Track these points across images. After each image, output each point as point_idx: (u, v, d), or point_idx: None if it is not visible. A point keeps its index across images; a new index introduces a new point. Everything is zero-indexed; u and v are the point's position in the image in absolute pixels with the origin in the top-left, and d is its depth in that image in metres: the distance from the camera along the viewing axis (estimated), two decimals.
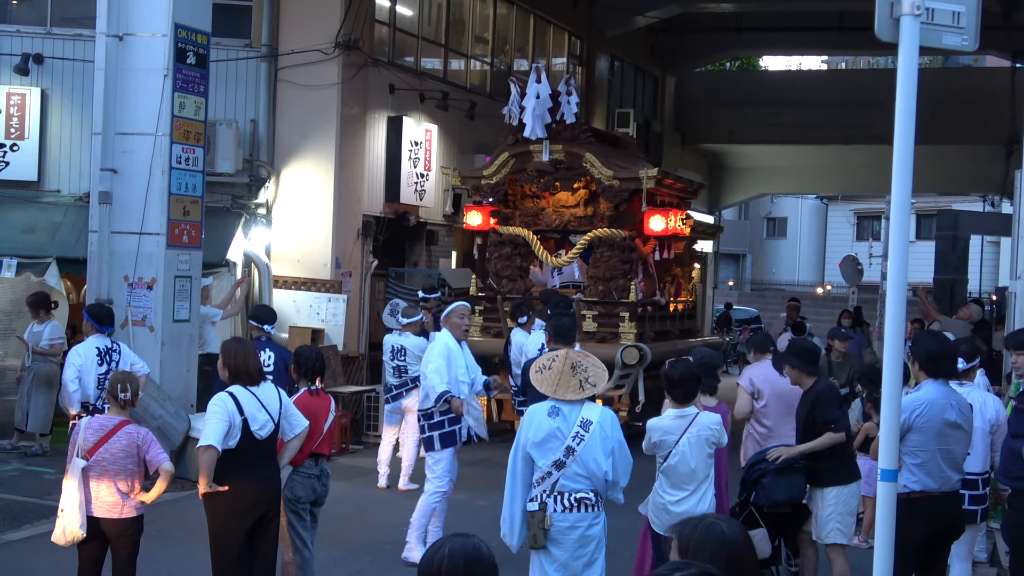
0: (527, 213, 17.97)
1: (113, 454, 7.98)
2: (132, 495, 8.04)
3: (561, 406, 7.38)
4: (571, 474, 7.32)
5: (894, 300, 6.26)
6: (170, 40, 13.79)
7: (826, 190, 51.23)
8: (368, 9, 19.34)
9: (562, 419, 7.34)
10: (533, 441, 7.38)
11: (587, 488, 7.37)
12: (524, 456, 7.46)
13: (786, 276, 59.41)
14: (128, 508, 8.06)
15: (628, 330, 16.74)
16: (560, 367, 7.40)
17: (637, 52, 31.35)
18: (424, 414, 10.57)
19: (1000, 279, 41.14)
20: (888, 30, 6.13)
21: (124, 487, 8.01)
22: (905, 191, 6.10)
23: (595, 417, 7.36)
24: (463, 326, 10.76)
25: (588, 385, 7.39)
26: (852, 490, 9.11)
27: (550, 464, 7.33)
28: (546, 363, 7.52)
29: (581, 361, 7.47)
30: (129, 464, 8.01)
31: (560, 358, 7.48)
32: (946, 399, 7.77)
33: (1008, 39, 24.81)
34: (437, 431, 10.45)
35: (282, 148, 18.70)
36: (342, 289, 18.52)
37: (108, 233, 13.82)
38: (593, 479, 7.36)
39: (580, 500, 7.36)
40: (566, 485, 7.34)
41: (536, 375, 7.50)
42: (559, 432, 7.32)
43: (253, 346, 8.67)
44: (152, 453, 8.04)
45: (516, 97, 17.42)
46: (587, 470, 7.32)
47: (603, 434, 7.34)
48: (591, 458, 7.31)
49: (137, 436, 8.06)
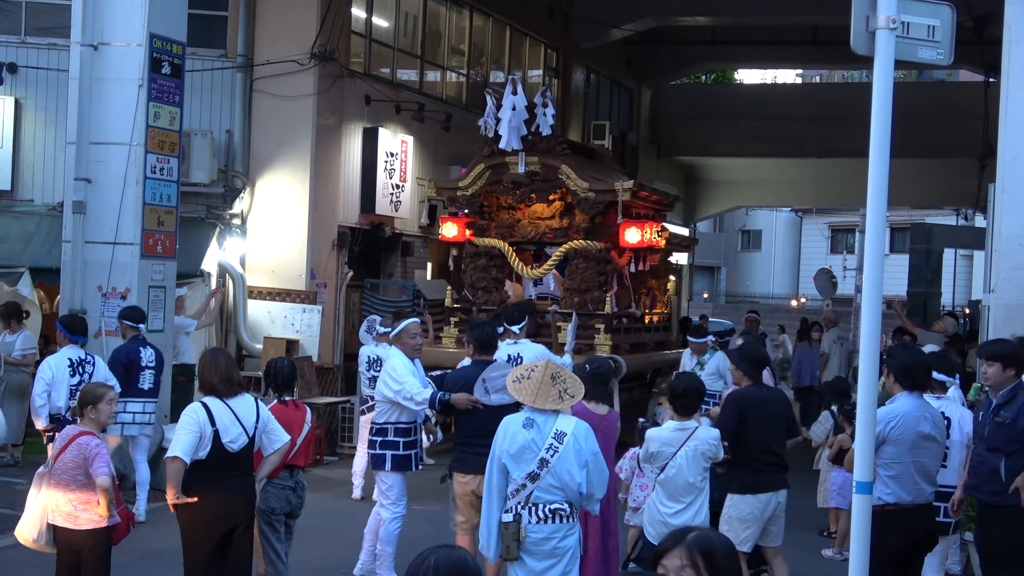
0: (503, 225, 17.96)
1: (65, 464, 7.88)
2: (86, 507, 7.90)
3: (536, 418, 7.37)
4: (545, 486, 7.31)
5: (869, 313, 6.28)
6: (145, 50, 13.74)
7: (800, 203, 51.42)
8: (344, 20, 19.33)
9: (536, 431, 7.32)
10: (508, 452, 7.37)
11: (561, 500, 7.35)
12: (500, 467, 7.45)
13: (761, 289, 59.55)
14: (83, 520, 7.88)
15: (603, 342, 16.73)
16: (540, 377, 7.40)
17: (613, 65, 31.41)
18: (378, 429, 10.04)
19: (973, 292, 41.34)
20: (864, 44, 6.15)
21: (75, 498, 7.83)
22: (880, 203, 6.12)
23: (569, 429, 7.34)
24: (415, 345, 10.24)
25: (567, 396, 7.41)
26: (744, 499, 9.14)
27: (524, 476, 7.31)
28: (524, 373, 7.51)
29: (560, 372, 7.49)
30: (79, 475, 7.85)
31: (540, 368, 7.48)
32: (920, 412, 7.79)
33: (981, 54, 24.90)
34: (390, 451, 9.94)
35: (257, 159, 18.67)
36: (317, 300, 18.48)
37: (82, 243, 13.74)
38: (567, 491, 7.33)
39: (555, 511, 7.34)
40: (540, 497, 7.32)
41: (514, 384, 7.49)
42: (533, 444, 7.30)
43: (230, 357, 8.62)
44: (94, 466, 7.80)
45: (492, 109, 17.41)
46: (561, 482, 7.30)
47: (577, 446, 7.31)
48: (565, 470, 7.28)
49: (86, 448, 7.85)
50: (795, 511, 13.32)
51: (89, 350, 13.61)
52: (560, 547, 7.39)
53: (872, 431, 6.43)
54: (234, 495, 8.01)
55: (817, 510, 12.96)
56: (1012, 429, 8.27)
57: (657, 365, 18.58)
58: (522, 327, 13.90)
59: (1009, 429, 8.30)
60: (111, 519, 8.01)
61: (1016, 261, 10.82)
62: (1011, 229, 10.87)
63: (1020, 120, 10.84)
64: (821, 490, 12.75)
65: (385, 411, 10.06)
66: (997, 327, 10.70)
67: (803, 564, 11.71)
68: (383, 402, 10.03)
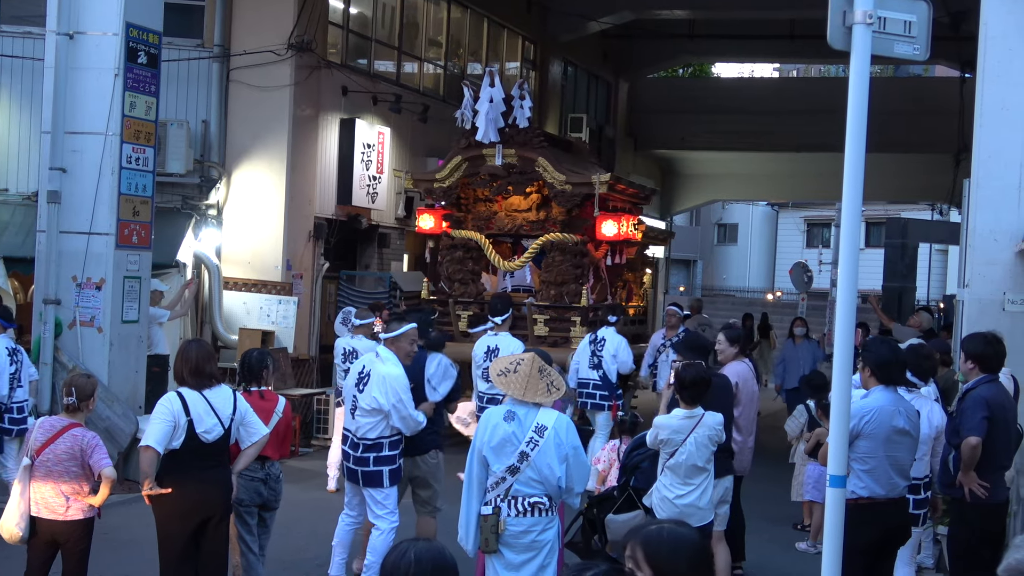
0: (479, 217, 17.96)
1: (57, 456, 7.92)
2: (77, 498, 7.96)
3: (517, 411, 7.39)
4: (525, 479, 7.33)
5: (844, 307, 6.30)
6: (121, 39, 13.68)
7: (777, 197, 51.54)
8: (321, 11, 19.28)
9: (517, 424, 7.34)
10: (489, 445, 7.39)
11: (541, 493, 7.37)
12: (480, 460, 7.47)
13: (737, 282, 59.67)
14: (74, 510, 7.99)
15: (579, 334, 16.74)
16: (527, 370, 7.44)
17: (590, 57, 31.42)
18: (370, 445, 9.53)
19: (948, 287, 41.53)
20: (840, 38, 6.18)
21: (68, 490, 7.94)
22: (856, 197, 6.15)
23: (550, 423, 7.36)
24: (411, 351, 9.82)
25: (554, 388, 7.47)
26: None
27: (504, 469, 7.33)
28: (510, 366, 7.54)
29: (545, 365, 7.56)
30: (72, 467, 7.93)
31: (527, 362, 7.52)
32: (894, 406, 7.82)
33: (957, 50, 25.00)
34: (387, 467, 9.56)
35: (233, 149, 18.61)
36: (293, 291, 18.44)
37: (56, 233, 13.67)
38: (547, 484, 7.36)
39: (534, 505, 7.36)
40: (520, 490, 7.35)
41: (500, 378, 7.50)
42: (514, 437, 7.32)
43: (210, 347, 8.59)
44: (95, 458, 7.95)
45: (469, 101, 17.41)
46: (541, 475, 7.32)
47: (557, 440, 7.33)
48: (545, 464, 7.31)
49: (82, 440, 7.97)
50: (769, 504, 13.44)
51: (64, 341, 13.64)
52: (539, 540, 7.41)
53: (846, 425, 6.46)
54: (209, 486, 7.99)
55: (791, 503, 13.01)
56: (955, 421, 8.48)
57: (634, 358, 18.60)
58: (505, 319, 13.94)
59: (954, 422, 8.52)
60: (95, 510, 8.06)
61: (990, 256, 10.88)
62: (985, 224, 10.92)
63: (995, 116, 10.89)
64: (795, 484, 12.80)
65: (375, 424, 9.48)
66: (971, 321, 10.75)
67: (777, 557, 11.78)
68: (374, 411, 9.45)
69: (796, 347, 19.76)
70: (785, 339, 21.01)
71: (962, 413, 8.45)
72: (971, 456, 8.28)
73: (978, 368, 8.59)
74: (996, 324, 10.13)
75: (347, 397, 9.86)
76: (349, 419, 9.71)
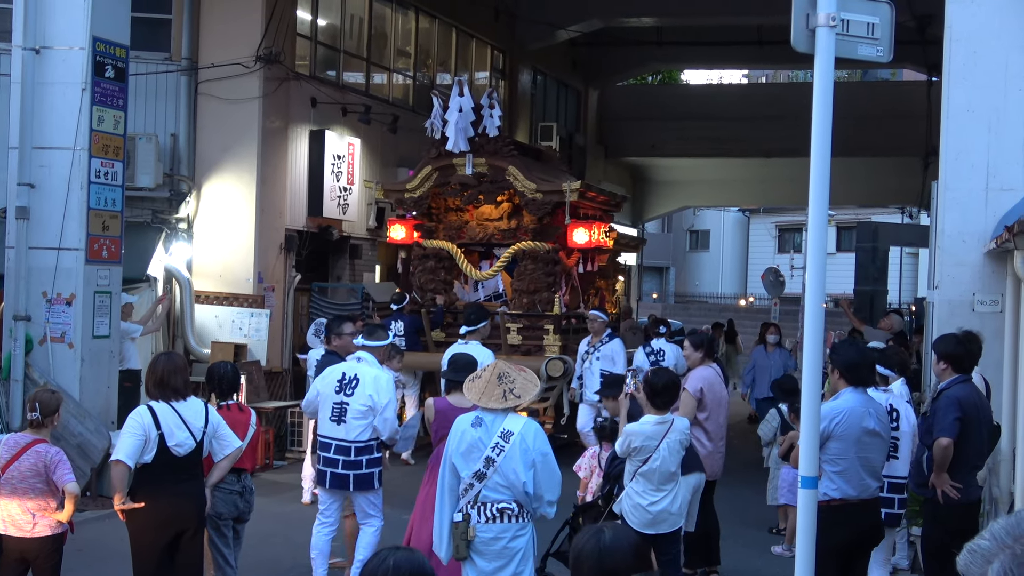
0: (451, 226, 17.96)
1: (21, 472, 7.88)
2: (43, 514, 7.92)
3: (484, 416, 7.39)
4: (492, 484, 7.31)
5: (812, 311, 6.33)
6: (88, 53, 13.63)
7: (748, 203, 51.71)
8: (289, 23, 19.26)
9: (484, 430, 7.34)
10: (458, 452, 7.39)
11: (509, 499, 7.34)
12: (451, 467, 7.46)
13: (709, 288, 59.83)
14: (41, 527, 7.94)
15: (552, 343, 16.78)
16: (488, 376, 7.45)
17: (559, 66, 31.49)
18: (362, 448, 9.70)
19: (919, 290, 41.70)
20: (804, 41, 6.21)
21: (34, 506, 7.89)
22: (822, 196, 6.18)
23: (517, 428, 7.34)
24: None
25: (512, 396, 7.39)
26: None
27: (472, 475, 7.32)
28: (478, 372, 7.62)
29: (509, 372, 7.51)
30: (37, 483, 7.89)
31: (489, 368, 7.55)
32: (864, 407, 7.86)
33: (924, 53, 25.13)
34: (377, 468, 9.81)
35: (203, 162, 18.57)
36: (265, 304, 18.39)
37: (26, 248, 13.60)
38: (514, 490, 7.33)
39: (502, 511, 7.33)
40: (488, 496, 7.33)
41: (467, 384, 7.56)
42: (480, 442, 7.31)
43: (182, 361, 8.55)
44: (58, 473, 7.90)
45: (439, 110, 17.41)
46: (508, 481, 7.30)
47: (524, 446, 7.30)
48: (511, 469, 7.28)
49: (46, 456, 7.93)
50: (745, 508, 13.47)
51: (35, 357, 13.57)
52: (510, 547, 7.38)
53: (816, 426, 6.49)
54: (182, 499, 7.96)
55: (766, 507, 13.04)
56: (928, 421, 8.54)
57: None
58: (477, 329, 13.97)
59: (927, 422, 8.57)
60: (64, 525, 8.02)
61: (959, 258, 10.94)
62: (954, 226, 10.99)
63: (961, 118, 10.96)
64: (770, 487, 12.82)
65: (368, 426, 9.65)
66: (941, 323, 10.81)
67: (753, 561, 11.81)
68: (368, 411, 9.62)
69: (768, 355, 19.33)
70: (755, 344, 20.60)
71: (935, 413, 8.49)
72: (943, 457, 8.31)
73: (951, 368, 8.63)
74: (966, 325, 10.19)
75: (326, 404, 9.83)
76: (332, 426, 9.73)
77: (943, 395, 8.49)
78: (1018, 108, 10.85)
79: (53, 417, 8.20)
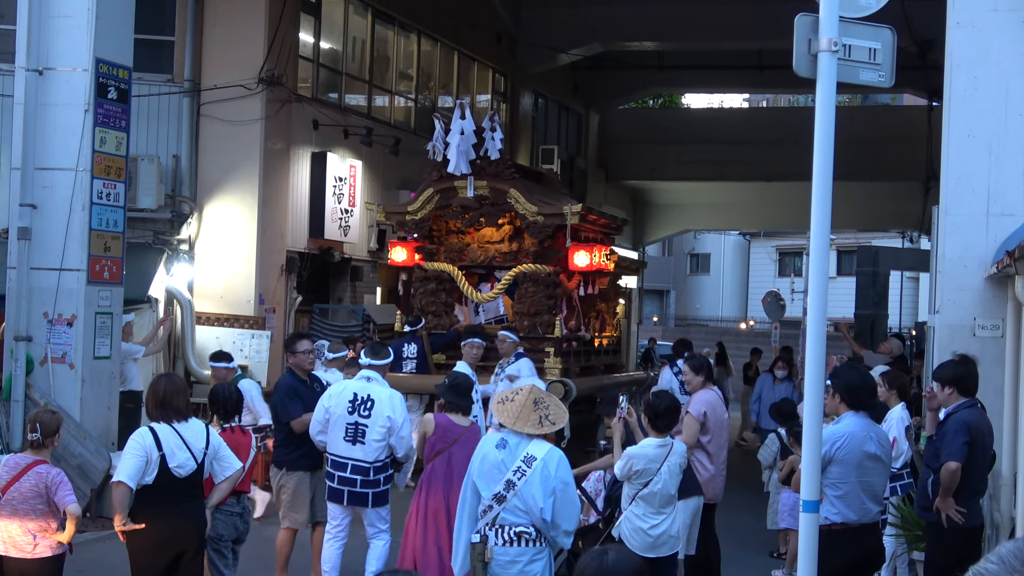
0: (452, 249, 17.96)
1: (22, 494, 7.87)
2: (44, 535, 7.91)
3: (509, 439, 7.45)
4: (512, 508, 7.37)
5: (814, 335, 6.34)
6: (91, 75, 13.65)
7: (748, 226, 51.73)
8: (291, 45, 19.32)
9: (508, 452, 7.40)
10: (480, 471, 7.47)
11: (527, 523, 7.38)
12: (472, 487, 7.54)
13: (709, 312, 59.82)
14: (42, 548, 7.93)
15: (553, 365, 16.75)
16: (523, 400, 7.51)
17: (561, 89, 31.55)
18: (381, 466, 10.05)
19: (919, 314, 41.70)
20: (806, 66, 6.23)
21: (34, 527, 7.88)
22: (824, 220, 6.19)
23: (540, 454, 7.39)
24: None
25: (547, 422, 7.50)
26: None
27: (491, 496, 7.38)
28: (509, 395, 7.66)
29: (544, 398, 7.62)
30: (38, 505, 7.89)
31: (524, 392, 7.62)
32: (866, 431, 7.85)
33: (924, 78, 25.21)
34: (390, 483, 10.20)
35: (205, 184, 18.60)
36: (266, 325, 18.39)
37: (27, 269, 13.60)
38: (532, 515, 7.37)
39: (519, 534, 7.37)
40: (506, 518, 7.38)
41: (498, 405, 7.62)
42: (502, 464, 7.38)
43: (182, 382, 8.57)
44: (59, 495, 7.90)
45: (440, 133, 17.43)
46: (526, 506, 7.35)
47: (545, 472, 7.34)
48: (530, 494, 7.33)
49: (47, 477, 7.92)
50: (746, 533, 13.45)
51: (36, 378, 13.56)
52: (527, 571, 7.41)
53: (818, 450, 6.49)
54: (182, 521, 7.96)
55: (767, 532, 13.02)
56: (935, 445, 8.52)
57: (607, 388, 18.57)
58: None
59: (934, 446, 8.55)
60: (64, 546, 8.01)
61: (959, 282, 10.94)
62: (954, 251, 10.99)
63: (962, 143, 10.98)
64: (770, 512, 12.81)
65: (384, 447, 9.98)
66: (942, 347, 10.81)
67: None
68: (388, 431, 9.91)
69: (774, 387, 19.06)
70: (764, 373, 20.47)
71: (943, 437, 8.46)
72: (951, 481, 8.29)
73: (956, 392, 8.62)
74: (967, 349, 10.20)
75: (338, 425, 9.96)
76: (348, 447, 9.91)
77: (951, 419, 8.47)
78: (1018, 133, 10.87)
79: (54, 438, 8.20)
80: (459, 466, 9.08)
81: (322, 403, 10.17)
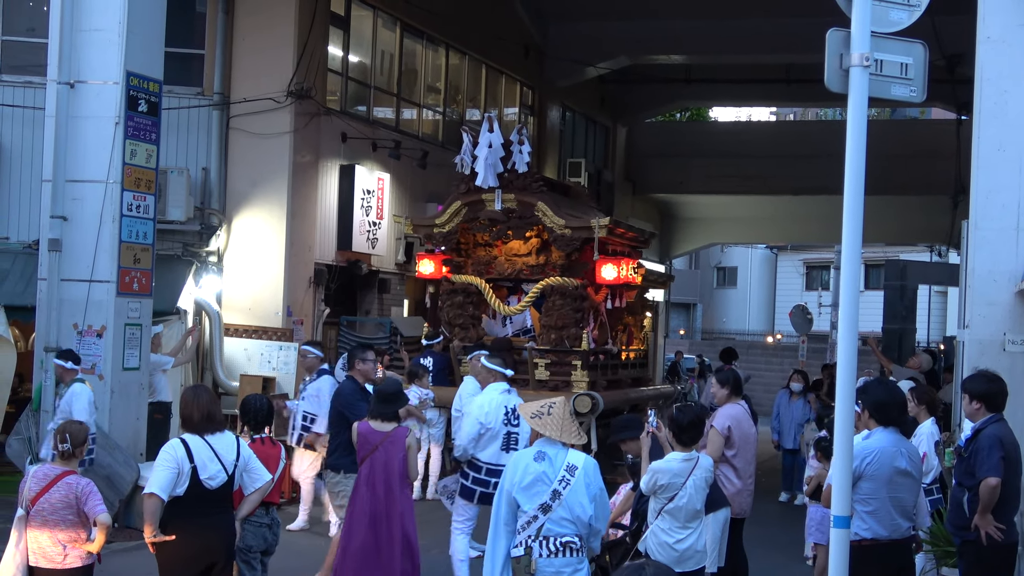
0: (479, 262, 17.99)
1: (52, 504, 7.90)
2: (74, 546, 7.94)
3: (547, 451, 7.61)
4: (557, 518, 7.49)
5: (845, 349, 6.32)
6: (122, 88, 13.74)
7: (775, 240, 51.61)
8: (320, 58, 19.39)
9: (548, 464, 7.56)
10: (519, 485, 7.56)
11: (572, 532, 7.52)
12: (509, 501, 7.63)
13: (736, 325, 59.67)
14: (72, 558, 7.95)
15: (580, 379, 16.75)
16: (561, 412, 7.75)
17: (588, 102, 31.57)
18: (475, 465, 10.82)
19: (948, 328, 41.53)
20: (838, 81, 6.23)
21: (64, 538, 7.90)
22: (855, 235, 6.18)
23: (580, 463, 7.60)
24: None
25: (582, 433, 7.85)
26: None
27: (536, 508, 7.49)
28: (543, 409, 7.81)
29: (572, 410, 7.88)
30: (68, 515, 7.91)
31: (559, 404, 7.83)
32: (896, 447, 7.83)
33: (953, 92, 25.11)
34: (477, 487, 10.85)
35: (233, 196, 18.68)
36: (293, 337, 18.43)
37: (57, 281, 13.67)
38: (578, 523, 7.52)
39: (566, 544, 7.50)
40: (552, 529, 7.49)
41: (535, 420, 7.78)
42: (545, 476, 7.52)
43: (212, 394, 8.61)
44: (90, 505, 7.91)
45: (468, 146, 17.47)
46: (572, 514, 7.49)
47: (587, 479, 7.56)
48: (577, 502, 7.50)
49: (76, 487, 7.95)
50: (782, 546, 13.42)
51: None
52: None
53: (849, 465, 6.47)
54: (212, 532, 7.99)
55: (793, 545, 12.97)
56: (968, 462, 8.37)
57: (634, 402, 18.56)
58: None
59: (966, 462, 8.41)
60: (93, 556, 8.04)
61: (989, 297, 10.88)
62: (984, 265, 10.93)
63: (992, 157, 10.92)
64: None
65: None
66: (972, 362, 10.74)
67: None
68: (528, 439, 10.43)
69: (791, 404, 18.93)
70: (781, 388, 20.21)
71: (977, 453, 8.28)
72: (990, 497, 8.13)
73: (984, 407, 8.52)
74: (996, 364, 10.12)
75: (497, 436, 10.74)
76: (502, 455, 10.56)
77: (982, 434, 8.33)
78: None
79: (82, 448, 8.24)
80: (379, 471, 9.58)
81: (476, 418, 10.74)
